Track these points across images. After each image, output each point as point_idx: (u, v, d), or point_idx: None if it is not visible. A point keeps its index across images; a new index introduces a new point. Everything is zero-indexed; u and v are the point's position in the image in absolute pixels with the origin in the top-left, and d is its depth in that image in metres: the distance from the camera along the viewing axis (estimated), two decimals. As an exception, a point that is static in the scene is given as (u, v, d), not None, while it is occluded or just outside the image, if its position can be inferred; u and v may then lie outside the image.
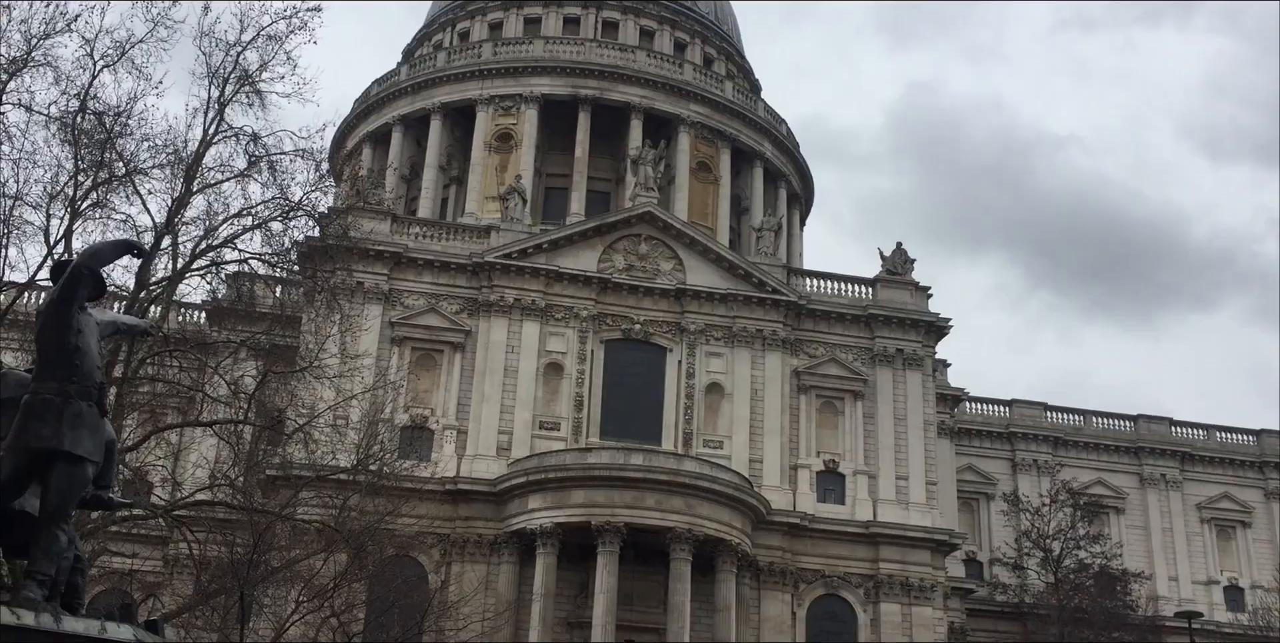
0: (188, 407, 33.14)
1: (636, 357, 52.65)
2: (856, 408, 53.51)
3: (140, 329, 11.96)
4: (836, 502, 51.88)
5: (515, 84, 65.20)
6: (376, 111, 68.81)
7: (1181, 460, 67.39)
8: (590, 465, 46.78)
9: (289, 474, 34.47)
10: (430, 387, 50.56)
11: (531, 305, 51.64)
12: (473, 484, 47.94)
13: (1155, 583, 62.80)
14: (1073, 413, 69.02)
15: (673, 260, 54.01)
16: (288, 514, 31.02)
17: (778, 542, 49.81)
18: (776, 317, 53.47)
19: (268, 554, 29.78)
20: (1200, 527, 66.49)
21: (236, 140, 28.50)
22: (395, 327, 50.54)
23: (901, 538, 51.09)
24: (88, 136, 26.46)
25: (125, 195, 27.46)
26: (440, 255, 52.07)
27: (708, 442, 51.31)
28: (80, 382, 9.75)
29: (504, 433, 49.73)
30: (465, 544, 47.32)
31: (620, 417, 51.19)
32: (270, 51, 28.33)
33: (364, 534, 31.86)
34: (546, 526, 45.95)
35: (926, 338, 54.93)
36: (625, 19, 70.87)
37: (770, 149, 69.18)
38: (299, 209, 29.03)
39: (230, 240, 28.60)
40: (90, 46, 26.12)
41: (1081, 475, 64.92)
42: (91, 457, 9.75)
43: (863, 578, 50.67)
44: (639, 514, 45.94)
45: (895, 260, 56.44)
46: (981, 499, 64.53)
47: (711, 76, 69.03)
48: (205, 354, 30.81)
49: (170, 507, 30.03)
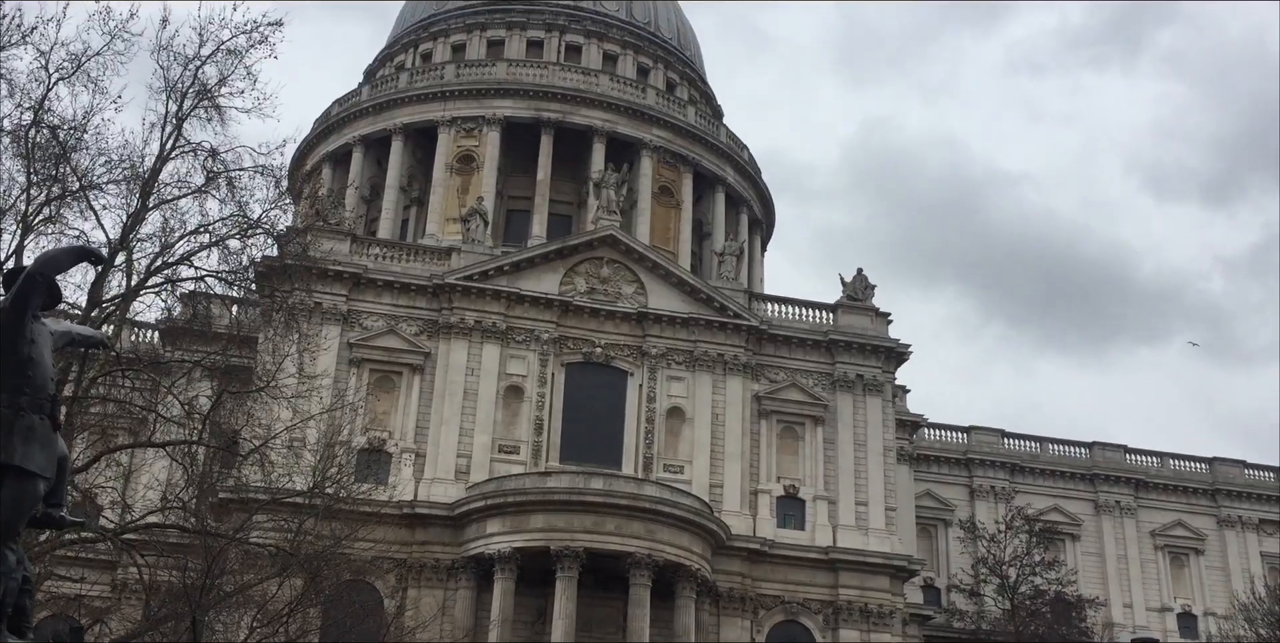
0: (139, 427, 32.42)
1: (597, 380, 52.40)
2: (817, 433, 53.51)
3: (95, 340, 11.52)
4: (796, 527, 51.75)
5: (478, 106, 65.07)
6: (337, 131, 68.39)
7: (1136, 488, 67.97)
8: (550, 490, 46.38)
9: (243, 497, 33.83)
10: (389, 409, 49.99)
11: (492, 328, 51.28)
12: (430, 508, 47.37)
13: (1110, 610, 63.14)
14: (1030, 440, 69.45)
15: (634, 284, 53.90)
16: (241, 538, 30.36)
17: (737, 567, 49.57)
18: (738, 341, 53.43)
19: (220, 579, 29.10)
20: (1154, 554, 67.00)
21: (194, 156, 27.99)
22: (354, 348, 49.98)
23: (861, 564, 51.03)
24: (41, 150, 25.91)
25: (79, 210, 26.90)
26: (400, 276, 51.64)
27: (668, 466, 51.06)
28: (33, 394, 9.30)
29: (463, 456, 49.23)
30: (422, 569, 46.69)
31: (580, 441, 50.87)
32: (230, 66, 27.91)
33: (319, 559, 31.25)
34: (505, 550, 45.45)
35: (887, 364, 55.12)
36: (589, 43, 71.08)
37: (732, 174, 69.42)
38: (257, 227, 28.54)
39: (187, 257, 28.07)
40: (45, 59, 25.62)
41: (1038, 502, 65.27)
42: (43, 473, 9.30)
43: (822, 604, 50.52)
44: (598, 539, 45.57)
45: (856, 286, 56.62)
46: (939, 525, 64.68)
47: (674, 101, 69.27)
48: (158, 374, 30.23)
49: (120, 530, 29.30)
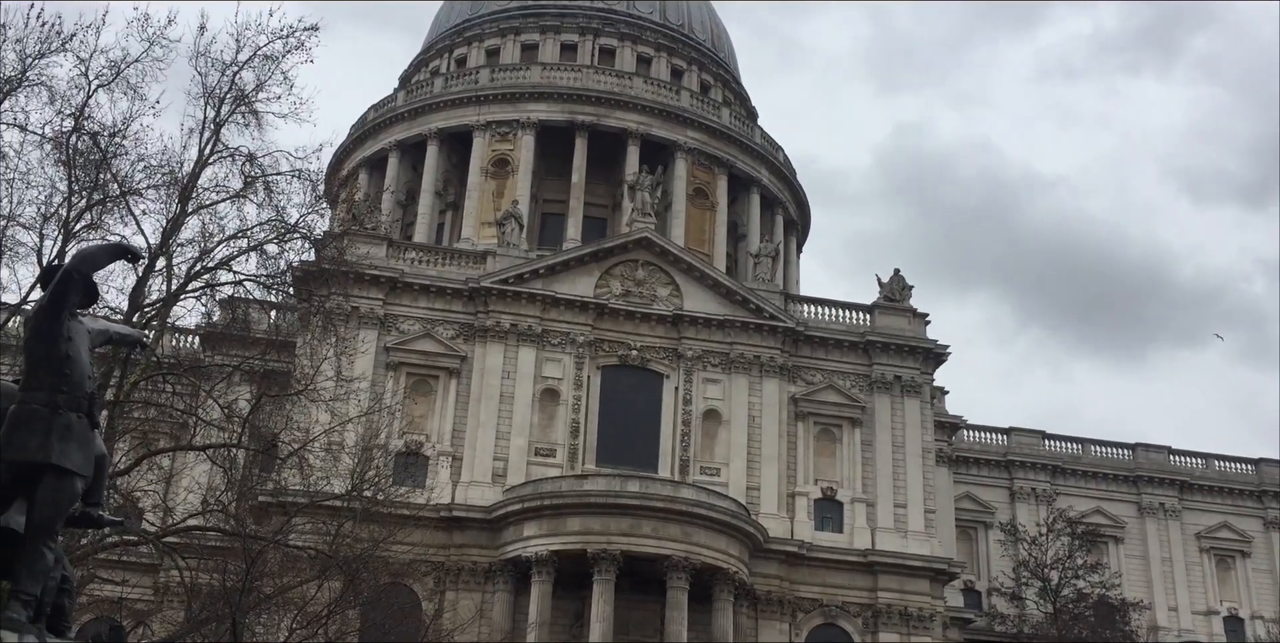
0: (180, 431, 32.64)
1: (633, 383, 52.33)
2: (854, 435, 53.16)
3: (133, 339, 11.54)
4: (834, 530, 51.42)
5: (512, 110, 65.23)
6: (373, 137, 68.79)
7: (1180, 490, 67.00)
8: (586, 493, 46.34)
9: (282, 500, 34.02)
10: (425, 412, 50.16)
11: (528, 331, 51.34)
12: (467, 511, 47.47)
13: (1155, 613, 62.21)
14: (1071, 441, 68.63)
15: (670, 286, 53.81)
16: (280, 541, 30.52)
17: (775, 570, 49.32)
18: (774, 343, 53.19)
19: (260, 581, 29.26)
20: (1199, 556, 66.01)
21: (232, 161, 28.24)
22: (390, 352, 50.19)
23: (900, 567, 50.62)
24: (82, 157, 26.18)
25: (120, 216, 27.15)
26: (436, 280, 51.81)
27: (705, 469, 50.90)
28: (70, 392, 9.29)
29: (499, 459, 49.31)
30: (460, 572, 46.78)
31: (616, 443, 50.81)
32: (267, 71, 28.11)
33: (358, 561, 31.33)
34: (542, 553, 45.45)
35: (925, 365, 54.67)
36: (622, 46, 71.10)
37: (767, 175, 69.18)
38: (295, 231, 28.72)
39: (225, 262, 28.25)
40: (85, 66, 25.92)
41: (1080, 504, 64.46)
42: (80, 471, 9.28)
43: (861, 607, 50.15)
44: (635, 542, 45.47)
45: (893, 287, 56.20)
46: (979, 528, 64.05)
47: (708, 103, 69.14)
48: (199, 378, 30.43)
49: (161, 533, 29.54)
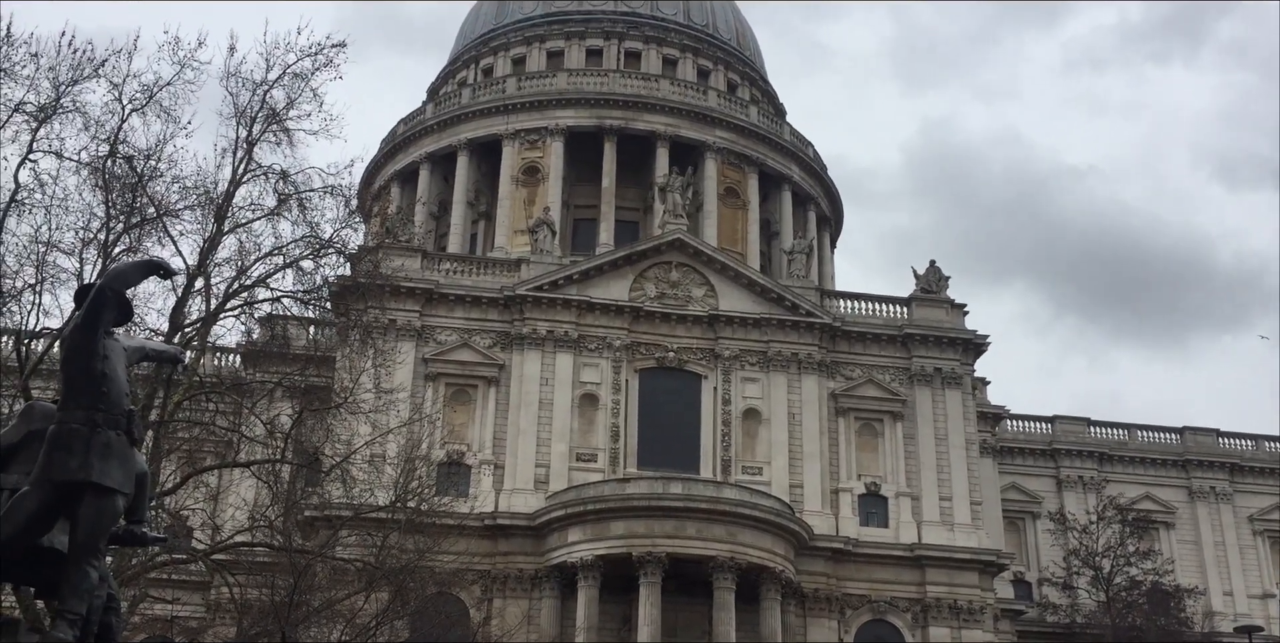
0: (225, 449, 33.06)
1: (671, 385, 52.37)
2: (896, 429, 52.90)
3: (170, 356, 11.63)
4: (879, 525, 51.19)
5: (540, 117, 65.49)
6: (403, 150, 69.29)
7: (1231, 472, 66.11)
8: (629, 496, 46.42)
9: (327, 514, 34.36)
10: (465, 422, 50.46)
11: (564, 337, 51.51)
12: (511, 519, 47.69)
13: (1210, 598, 61.49)
14: (1117, 428, 67.89)
15: (704, 287, 53.80)
16: (327, 554, 30.83)
17: (821, 567, 49.16)
18: (811, 340, 53.04)
19: (308, 595, 29.57)
20: (1253, 539, 65.11)
21: (265, 179, 28.50)
22: (429, 363, 50.52)
23: (948, 560, 50.31)
24: (118, 181, 26.53)
25: (157, 238, 27.45)
26: (471, 290, 52.12)
27: (746, 468, 50.83)
28: (108, 410, 9.31)
29: (541, 466, 49.49)
30: (506, 580, 47.00)
31: (657, 446, 50.87)
32: (297, 89, 28.37)
33: (404, 572, 31.58)
34: (587, 558, 45.58)
35: (964, 356, 54.31)
36: (648, 49, 71.19)
37: (798, 172, 69.01)
38: (330, 247, 28.99)
39: (263, 280, 28.55)
40: (118, 91, 26.25)
41: (1129, 491, 63.79)
42: (122, 488, 9.32)
43: (910, 602, 49.89)
44: (680, 544, 45.50)
45: (929, 279, 55.83)
46: (1027, 518, 63.53)
47: (736, 102, 69.07)
48: (240, 395, 30.76)
49: (210, 550, 29.92)
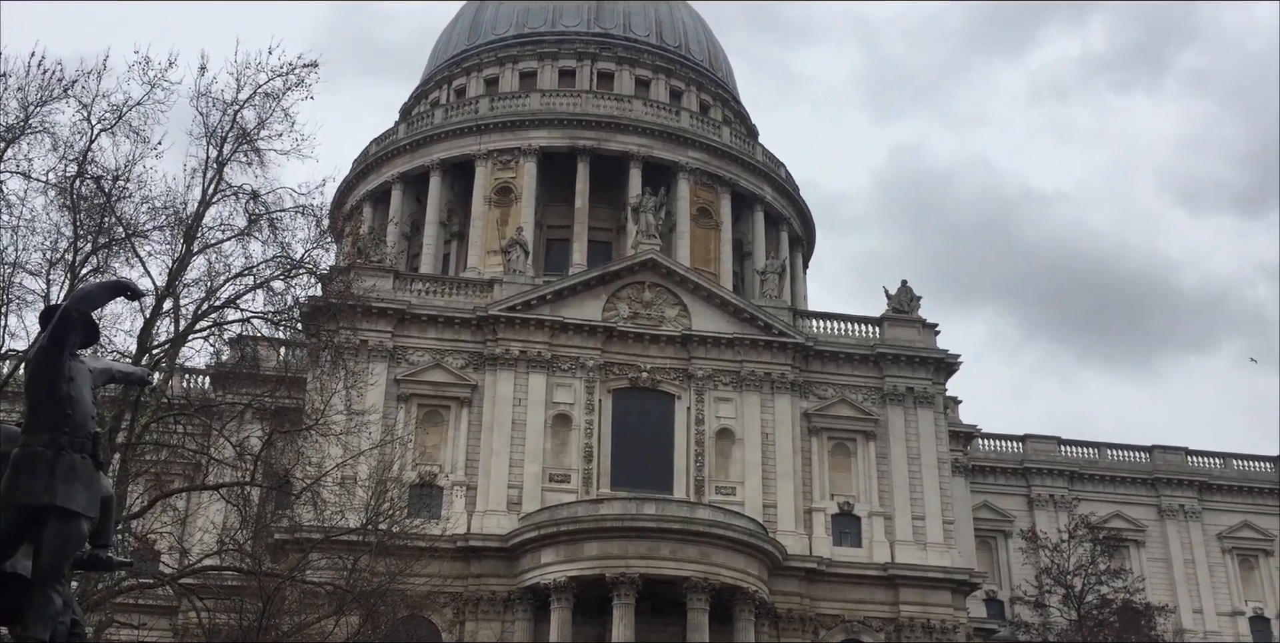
0: (193, 472, 32.74)
1: (645, 405, 52.30)
2: (869, 449, 53.00)
3: (137, 377, 11.51)
4: (853, 545, 51.21)
5: (513, 138, 65.56)
6: (375, 170, 69.16)
7: (1199, 490, 66.60)
8: (602, 517, 46.25)
9: (298, 537, 34.01)
10: (438, 443, 50.18)
11: (537, 357, 51.39)
12: (484, 540, 47.39)
13: (1180, 616, 61.81)
14: (1087, 446, 68.30)
15: (677, 307, 53.85)
16: (297, 577, 30.51)
17: (795, 588, 49.08)
18: (784, 359, 53.15)
19: (278, 619, 29.25)
20: (1222, 557, 65.54)
21: (236, 199, 28.43)
22: (401, 384, 50.27)
23: (921, 579, 50.36)
24: (86, 201, 26.38)
25: (125, 259, 27.31)
26: (444, 311, 51.94)
27: (720, 488, 50.78)
28: (73, 433, 9.22)
29: (514, 487, 49.26)
30: (479, 602, 46.66)
31: (631, 466, 50.74)
32: (268, 109, 28.32)
33: (375, 595, 31.31)
34: (560, 580, 45.34)
35: (936, 375, 54.55)
36: (620, 70, 71.47)
37: (770, 192, 69.33)
38: (301, 267, 28.86)
39: (232, 300, 28.41)
40: (87, 111, 26.16)
41: (1099, 509, 64.07)
42: (86, 512, 9.21)
43: (883, 622, 49.86)
44: (654, 565, 45.33)
45: (901, 299, 56.13)
46: (999, 537, 63.72)
47: (708, 123, 69.38)
48: (210, 417, 30.51)
49: (178, 574, 29.55)
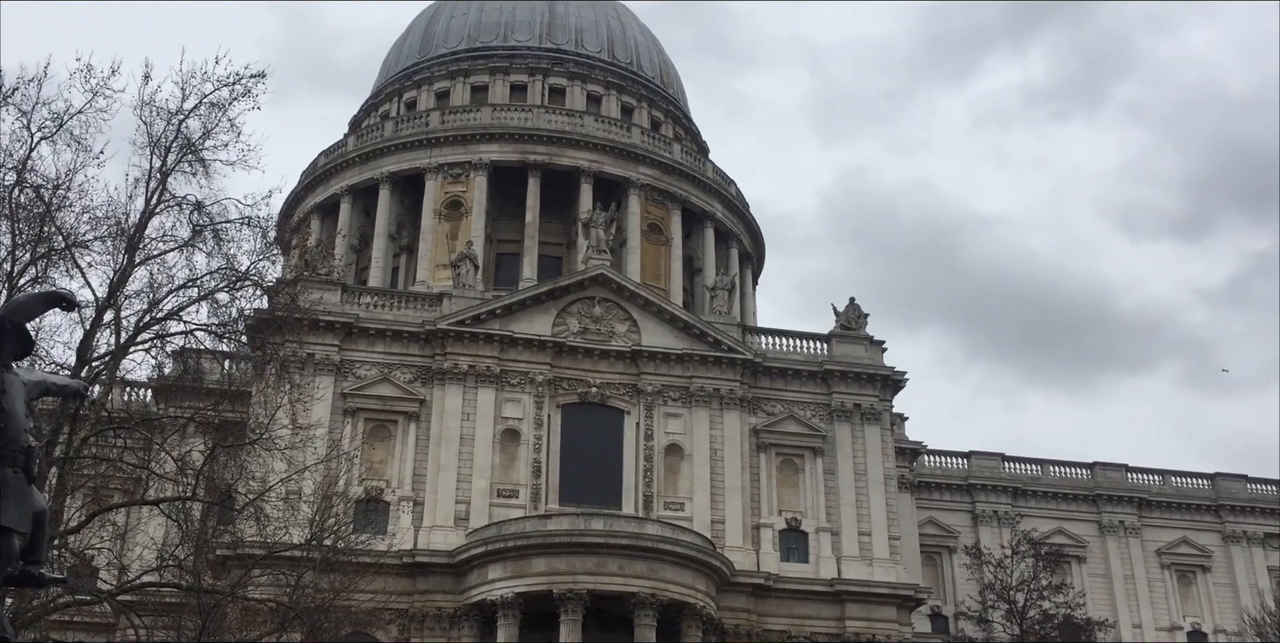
0: (133, 486, 32.18)
1: (594, 420, 52.22)
2: (816, 464, 53.27)
3: (72, 390, 11.30)
4: (800, 560, 51.37)
5: (464, 152, 65.38)
6: (324, 183, 68.63)
7: (1139, 507, 67.65)
8: (550, 532, 46.04)
9: (239, 553, 33.53)
10: (385, 458, 49.74)
11: (486, 372, 51.15)
12: (431, 556, 46.99)
13: (1119, 630, 62.58)
14: (1030, 463, 69.14)
15: (627, 322, 53.88)
16: (238, 594, 30.07)
17: (743, 603, 49.12)
18: (733, 375, 53.33)
19: (218, 637, 28.81)
20: (1161, 572, 66.55)
21: (180, 209, 28.02)
22: (347, 398, 49.81)
23: (867, 595, 50.60)
24: (25, 210, 25.93)
25: (65, 269, 26.89)
26: (392, 324, 51.57)
27: (669, 504, 50.76)
28: (4, 446, 9.06)
29: (461, 503, 48.92)
30: (425, 618, 46.22)
31: (579, 482, 50.59)
32: (213, 119, 28.01)
33: (319, 612, 30.98)
34: (507, 596, 45.04)
35: (883, 392, 54.99)
36: (572, 85, 71.58)
37: (720, 209, 69.67)
38: (246, 279, 28.51)
39: (175, 312, 27.97)
40: (27, 119, 25.78)
41: (1041, 525, 64.85)
42: (18, 528, 9.05)
43: (830, 637, 50.02)
44: (602, 581, 45.18)
45: (849, 316, 56.58)
46: (944, 553, 64.26)
47: (659, 139, 69.64)
48: (150, 431, 30.03)
49: (116, 591, 29.02)
